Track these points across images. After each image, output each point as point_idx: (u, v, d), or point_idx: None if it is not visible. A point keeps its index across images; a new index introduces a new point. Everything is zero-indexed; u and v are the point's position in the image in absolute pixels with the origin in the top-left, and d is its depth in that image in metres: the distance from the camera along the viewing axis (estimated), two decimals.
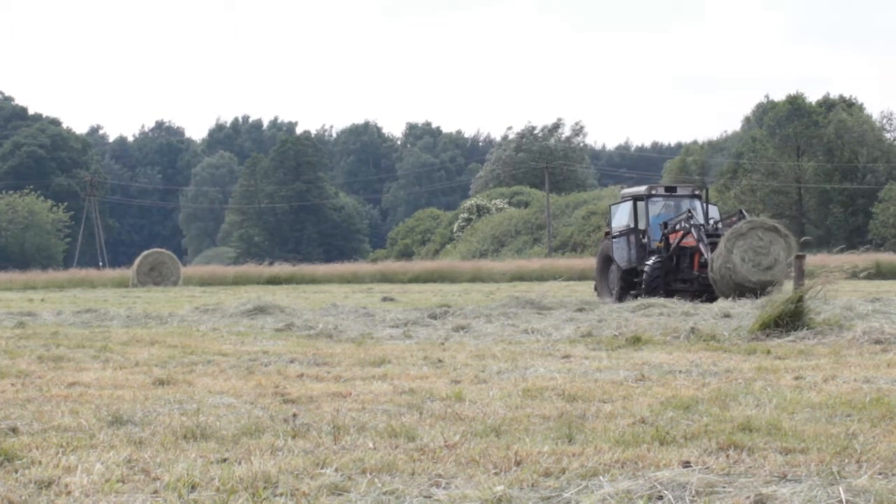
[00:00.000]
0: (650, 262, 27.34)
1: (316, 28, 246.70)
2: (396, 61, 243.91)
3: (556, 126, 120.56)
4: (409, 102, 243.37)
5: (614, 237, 28.62)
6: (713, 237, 26.93)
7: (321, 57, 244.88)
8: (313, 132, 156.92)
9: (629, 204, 28.63)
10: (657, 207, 28.50)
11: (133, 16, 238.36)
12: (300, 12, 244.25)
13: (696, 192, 28.90)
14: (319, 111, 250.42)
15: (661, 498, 5.53)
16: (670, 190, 29.27)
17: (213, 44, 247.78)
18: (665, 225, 27.64)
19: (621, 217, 28.82)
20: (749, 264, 26.49)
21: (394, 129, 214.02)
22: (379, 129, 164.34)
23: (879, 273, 47.17)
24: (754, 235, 26.64)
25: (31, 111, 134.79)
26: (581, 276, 55.21)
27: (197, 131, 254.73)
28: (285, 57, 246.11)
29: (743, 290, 25.76)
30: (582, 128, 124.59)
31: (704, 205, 28.10)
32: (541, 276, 54.22)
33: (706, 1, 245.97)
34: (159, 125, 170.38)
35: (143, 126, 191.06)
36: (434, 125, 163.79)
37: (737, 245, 26.69)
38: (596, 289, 29.46)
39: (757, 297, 24.27)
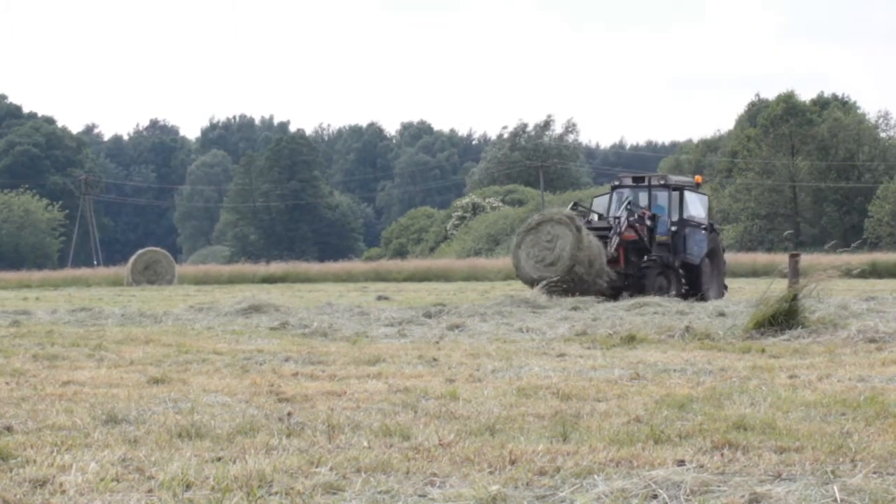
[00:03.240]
0: None
1: (311, 27, 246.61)
2: (391, 60, 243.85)
3: (547, 123, 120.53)
4: (404, 101, 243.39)
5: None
6: (601, 231, 26.13)
7: (315, 56, 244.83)
8: (308, 131, 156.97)
9: (606, 197, 28.11)
10: (638, 200, 27.73)
11: (128, 14, 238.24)
12: (295, 12, 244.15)
13: (665, 183, 27.78)
14: (313, 110, 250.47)
15: (655, 497, 5.53)
16: (637, 181, 28.28)
17: (208, 42, 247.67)
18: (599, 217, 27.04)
19: (597, 209, 28.25)
20: (532, 260, 25.56)
21: (388, 127, 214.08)
22: (378, 129, 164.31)
23: (875, 271, 47.19)
24: (543, 230, 25.73)
25: (25, 109, 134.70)
26: None
27: (191, 130, 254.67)
28: (280, 55, 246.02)
29: (547, 287, 24.91)
30: (574, 125, 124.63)
31: (674, 196, 27.15)
32: None
33: (705, 0, 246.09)
34: (154, 124, 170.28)
35: (137, 125, 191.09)
36: (429, 124, 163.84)
37: (525, 240, 25.83)
38: None
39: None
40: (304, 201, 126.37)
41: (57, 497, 5.66)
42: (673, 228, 26.92)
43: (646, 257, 26.19)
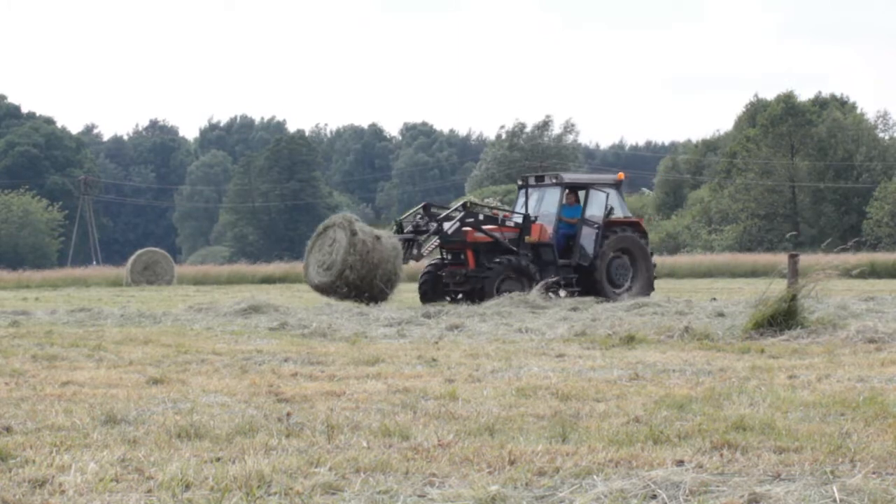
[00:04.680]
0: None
1: (311, 27, 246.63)
2: (391, 61, 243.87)
3: (545, 123, 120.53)
4: (404, 101, 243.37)
5: None
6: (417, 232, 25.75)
7: (315, 57, 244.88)
8: (307, 131, 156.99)
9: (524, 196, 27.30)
10: (533, 199, 27.12)
11: (127, 15, 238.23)
12: (295, 12, 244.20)
13: (557, 181, 26.94)
14: (312, 111, 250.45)
15: (654, 497, 5.54)
16: (539, 179, 27.72)
17: (207, 42, 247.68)
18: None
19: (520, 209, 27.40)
20: (315, 265, 25.21)
21: (388, 127, 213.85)
22: (378, 130, 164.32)
23: (874, 272, 47.20)
24: (327, 235, 25.33)
25: (24, 110, 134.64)
26: None
27: (191, 130, 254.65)
28: (280, 56, 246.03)
29: (327, 293, 24.71)
30: (573, 125, 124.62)
31: (565, 196, 26.50)
32: None
33: (704, 0, 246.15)
34: (153, 124, 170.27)
35: (137, 125, 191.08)
36: (430, 125, 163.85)
37: (315, 245, 25.53)
38: None
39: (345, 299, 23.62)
40: (304, 201, 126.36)
41: (56, 497, 5.66)
42: (561, 229, 26.33)
43: (496, 260, 25.42)
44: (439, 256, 26.64)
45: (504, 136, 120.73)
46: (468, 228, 25.77)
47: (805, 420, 7.88)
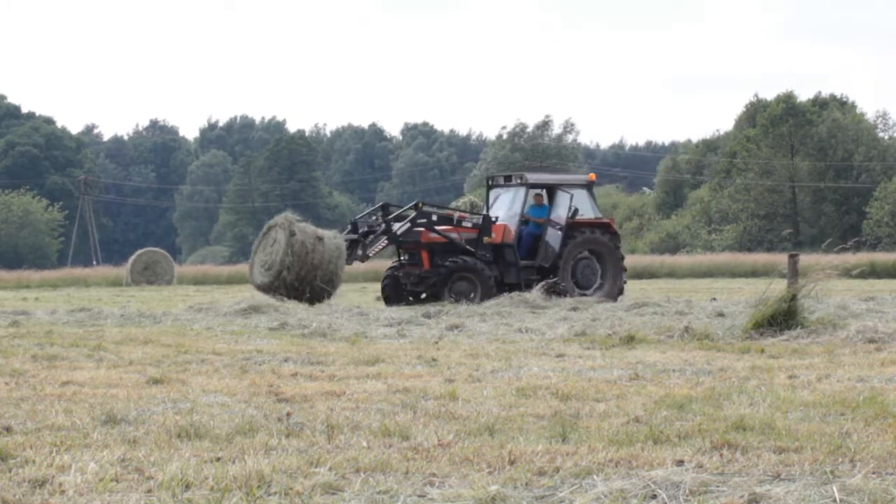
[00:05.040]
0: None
1: (311, 28, 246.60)
2: (391, 61, 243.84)
3: (545, 123, 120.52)
4: (404, 101, 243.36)
5: None
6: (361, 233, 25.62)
7: (315, 57, 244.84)
8: (307, 131, 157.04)
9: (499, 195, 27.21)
10: (501, 199, 26.92)
11: (127, 15, 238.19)
12: (295, 13, 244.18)
13: (524, 182, 26.60)
14: (312, 111, 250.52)
15: (654, 497, 5.54)
16: (507, 180, 27.40)
17: (208, 42, 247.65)
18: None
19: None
20: (259, 265, 25.21)
21: (388, 127, 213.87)
22: (378, 130, 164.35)
23: (874, 272, 47.21)
24: (270, 235, 25.28)
25: (24, 110, 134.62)
26: None
27: (191, 130, 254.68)
28: (280, 56, 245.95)
29: (268, 292, 24.46)
30: (573, 125, 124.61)
31: (533, 196, 26.31)
32: None
33: (704, 0, 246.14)
34: (153, 124, 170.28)
35: (137, 125, 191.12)
36: (431, 125, 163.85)
37: (260, 246, 25.50)
38: None
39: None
40: (304, 201, 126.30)
41: (56, 497, 5.66)
42: (528, 229, 26.13)
43: (448, 261, 25.27)
44: (397, 258, 26.66)
45: (505, 137, 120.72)
46: (421, 229, 25.71)
47: (805, 420, 7.88)
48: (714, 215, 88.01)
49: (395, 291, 25.96)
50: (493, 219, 26.12)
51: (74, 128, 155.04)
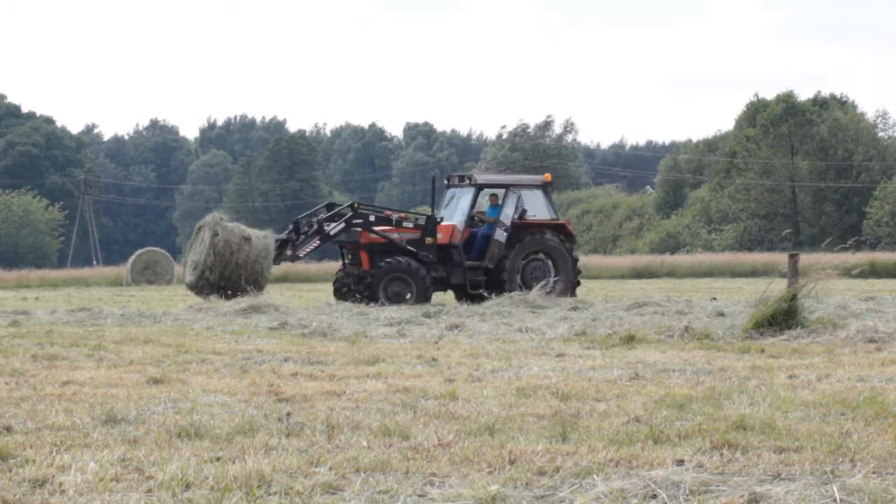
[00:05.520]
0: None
1: (311, 28, 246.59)
2: (391, 61, 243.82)
3: (547, 124, 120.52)
4: (404, 101, 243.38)
5: None
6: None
7: (315, 57, 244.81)
8: (307, 131, 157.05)
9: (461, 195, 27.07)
10: (456, 200, 26.87)
11: (127, 14, 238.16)
12: (295, 12, 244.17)
13: (471, 182, 26.65)
14: (312, 111, 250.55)
15: (654, 497, 5.54)
16: (462, 180, 27.36)
17: (208, 42, 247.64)
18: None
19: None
20: (189, 265, 25.32)
21: (389, 127, 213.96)
22: (378, 130, 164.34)
23: (874, 272, 47.20)
24: (199, 236, 25.45)
25: (24, 109, 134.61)
26: None
27: (191, 130, 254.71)
28: (280, 56, 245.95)
29: (195, 292, 24.68)
30: (573, 125, 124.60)
31: (489, 196, 26.25)
32: None
33: (704, 0, 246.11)
34: (154, 124, 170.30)
35: (137, 125, 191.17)
36: (429, 124, 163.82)
37: (193, 244, 25.75)
38: None
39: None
40: (304, 201, 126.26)
41: (56, 497, 5.66)
42: (482, 230, 26.06)
43: (383, 262, 25.30)
44: (341, 258, 26.80)
45: (504, 136, 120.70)
46: (359, 229, 25.80)
47: (805, 420, 7.88)
48: (714, 215, 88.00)
49: (342, 291, 26.04)
50: (439, 219, 26.19)
51: (74, 127, 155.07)
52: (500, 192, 26.33)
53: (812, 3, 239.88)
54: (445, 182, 27.94)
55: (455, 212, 26.54)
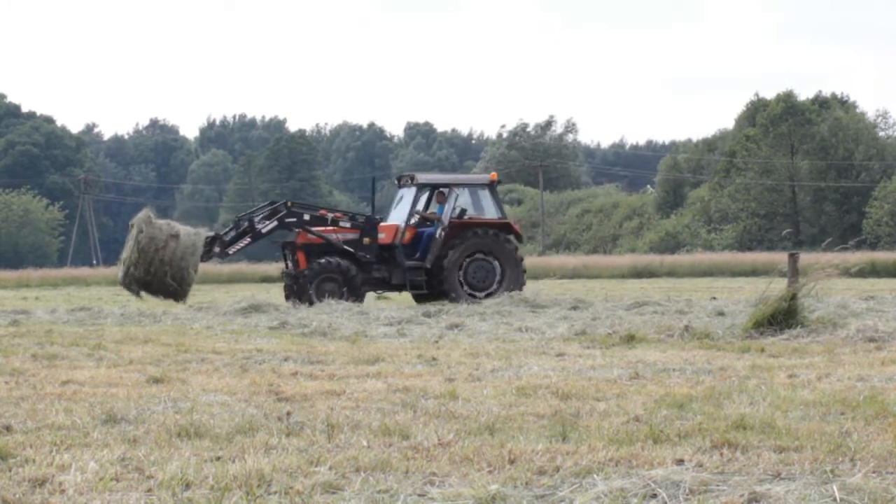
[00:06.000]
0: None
1: (311, 28, 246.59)
2: (392, 61, 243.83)
3: (549, 123, 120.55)
4: (404, 101, 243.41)
5: None
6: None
7: (316, 57, 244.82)
8: (308, 130, 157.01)
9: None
10: (404, 199, 27.01)
11: (127, 14, 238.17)
12: (295, 12, 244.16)
13: (413, 182, 26.72)
14: (312, 111, 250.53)
15: (654, 496, 5.53)
16: (408, 180, 27.38)
17: (207, 42, 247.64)
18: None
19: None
20: (121, 262, 25.32)
21: (389, 126, 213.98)
22: (379, 129, 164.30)
23: (874, 271, 47.21)
24: (132, 234, 25.16)
25: (24, 109, 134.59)
26: (575, 275, 55.23)
27: (191, 129, 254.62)
28: (280, 56, 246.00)
29: (125, 289, 24.93)
30: (574, 125, 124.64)
31: (422, 196, 26.52)
32: (534, 275, 54.16)
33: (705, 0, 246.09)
34: (154, 123, 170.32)
35: (137, 124, 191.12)
36: (429, 124, 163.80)
37: (126, 242, 25.48)
38: None
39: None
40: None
41: (56, 496, 5.66)
42: (425, 230, 26.15)
43: (315, 262, 25.43)
44: (283, 258, 26.93)
45: (504, 136, 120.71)
46: (298, 230, 25.98)
47: (805, 419, 7.87)
48: (714, 215, 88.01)
49: (287, 292, 26.11)
50: (379, 219, 26.28)
51: (74, 127, 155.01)
52: (448, 191, 26.38)
53: (812, 3, 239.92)
54: (396, 182, 28.00)
55: (402, 211, 26.63)
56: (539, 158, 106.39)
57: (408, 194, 26.76)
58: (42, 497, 5.65)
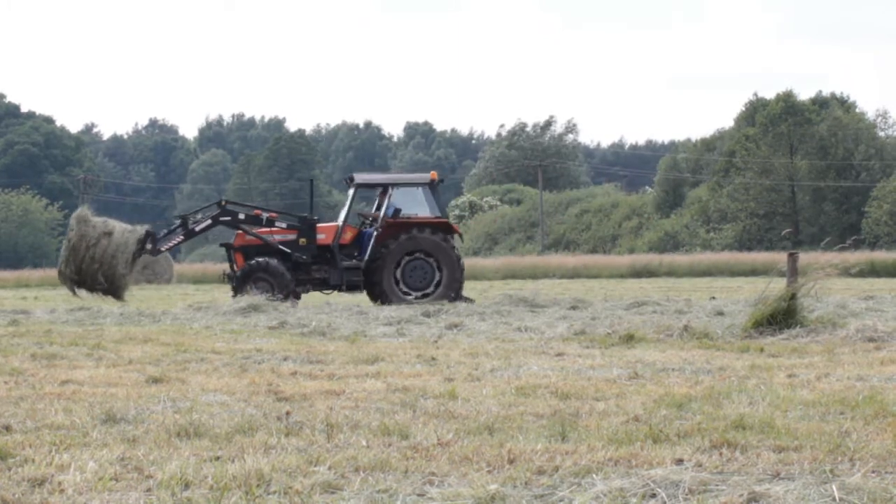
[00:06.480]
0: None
1: (311, 27, 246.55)
2: (391, 61, 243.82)
3: (549, 123, 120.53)
4: (404, 101, 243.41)
5: None
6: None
7: (315, 57, 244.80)
8: (307, 130, 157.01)
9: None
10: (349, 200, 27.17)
11: (127, 14, 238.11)
12: (295, 12, 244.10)
13: (350, 182, 26.96)
14: (312, 110, 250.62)
15: (654, 496, 5.53)
16: (349, 180, 27.51)
17: (207, 42, 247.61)
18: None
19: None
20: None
21: (389, 127, 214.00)
22: (377, 129, 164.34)
23: (873, 271, 47.21)
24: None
25: (24, 109, 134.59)
26: (574, 274, 55.22)
27: (191, 129, 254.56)
28: (280, 56, 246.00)
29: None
30: (574, 125, 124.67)
31: (355, 195, 26.74)
32: (534, 274, 54.19)
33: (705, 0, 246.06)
34: (153, 123, 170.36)
35: (136, 124, 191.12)
36: (428, 123, 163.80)
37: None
38: None
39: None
40: (303, 200, 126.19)
41: (55, 496, 5.66)
42: (367, 230, 26.27)
43: (247, 263, 25.59)
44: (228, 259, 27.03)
45: (504, 135, 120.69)
46: (238, 231, 26.24)
47: (804, 419, 7.87)
48: (712, 214, 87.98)
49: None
50: (316, 219, 26.41)
51: (74, 127, 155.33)
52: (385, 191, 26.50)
53: (812, 3, 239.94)
54: (346, 182, 28.08)
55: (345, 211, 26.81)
56: (538, 158, 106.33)
57: (350, 195, 26.92)
58: (41, 497, 5.65)
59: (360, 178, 27.14)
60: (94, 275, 24.71)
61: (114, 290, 24.90)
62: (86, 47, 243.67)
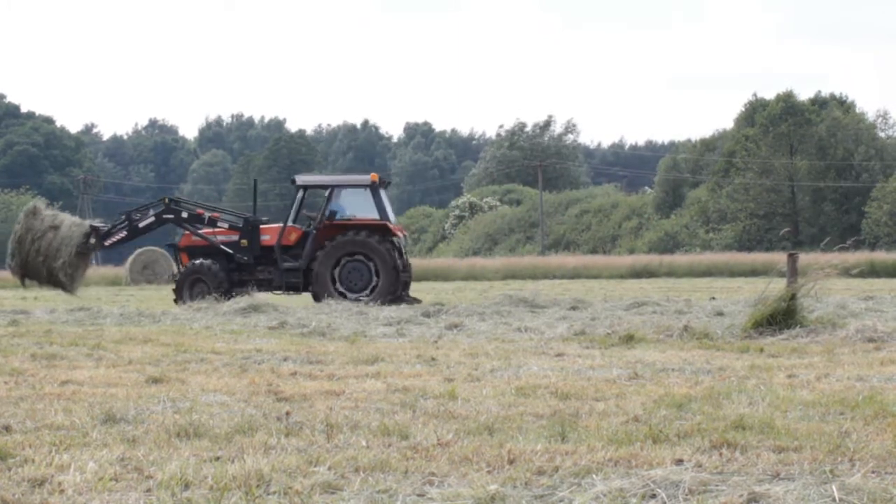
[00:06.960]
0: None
1: (311, 27, 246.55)
2: (391, 61, 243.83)
3: (548, 123, 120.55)
4: (404, 101, 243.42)
5: None
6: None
7: (315, 57, 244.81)
8: (308, 130, 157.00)
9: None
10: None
11: (127, 14, 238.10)
12: (295, 12, 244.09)
13: (293, 183, 26.97)
14: (312, 110, 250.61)
15: (654, 496, 5.53)
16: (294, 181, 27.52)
17: (207, 42, 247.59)
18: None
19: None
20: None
21: (389, 128, 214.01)
22: (376, 129, 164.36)
23: (873, 271, 47.20)
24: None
25: (24, 109, 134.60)
26: (574, 275, 55.21)
27: (191, 129, 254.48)
28: (280, 56, 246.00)
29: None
30: (574, 125, 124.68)
31: (296, 196, 26.60)
32: (534, 275, 54.22)
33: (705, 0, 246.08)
34: (153, 123, 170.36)
35: (136, 124, 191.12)
36: (428, 124, 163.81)
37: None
38: None
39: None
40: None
41: (55, 496, 5.66)
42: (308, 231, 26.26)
43: (191, 263, 25.77)
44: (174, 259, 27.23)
45: (503, 136, 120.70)
46: (185, 232, 26.38)
47: (804, 419, 7.87)
48: (712, 215, 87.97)
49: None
50: (263, 219, 26.56)
51: (74, 127, 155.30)
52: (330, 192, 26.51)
53: (812, 3, 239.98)
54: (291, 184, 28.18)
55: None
56: (538, 158, 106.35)
57: (297, 197, 26.86)
58: (41, 497, 5.65)
59: (301, 179, 27.08)
60: (38, 267, 24.81)
61: (57, 282, 24.94)
62: (86, 47, 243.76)
